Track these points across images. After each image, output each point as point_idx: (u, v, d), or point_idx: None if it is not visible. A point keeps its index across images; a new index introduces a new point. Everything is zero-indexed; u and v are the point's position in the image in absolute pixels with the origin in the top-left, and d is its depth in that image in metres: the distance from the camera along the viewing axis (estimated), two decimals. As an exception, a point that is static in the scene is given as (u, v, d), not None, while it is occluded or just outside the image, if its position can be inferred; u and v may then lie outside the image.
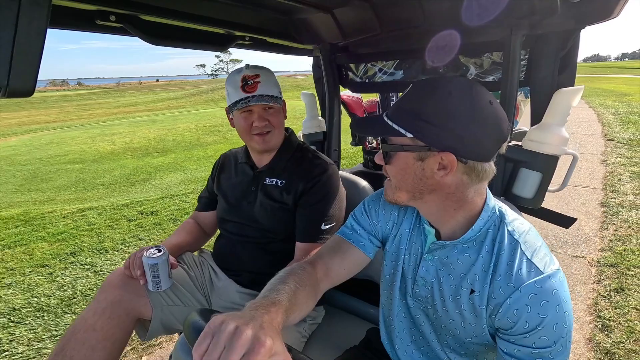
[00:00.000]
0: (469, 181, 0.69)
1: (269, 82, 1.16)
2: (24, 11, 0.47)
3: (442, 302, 0.76)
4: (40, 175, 6.34)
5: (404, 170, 0.72)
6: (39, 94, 49.03)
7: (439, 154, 0.67)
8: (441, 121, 0.65)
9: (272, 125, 1.17)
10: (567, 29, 1.10)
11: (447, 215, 0.74)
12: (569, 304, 0.65)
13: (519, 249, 0.68)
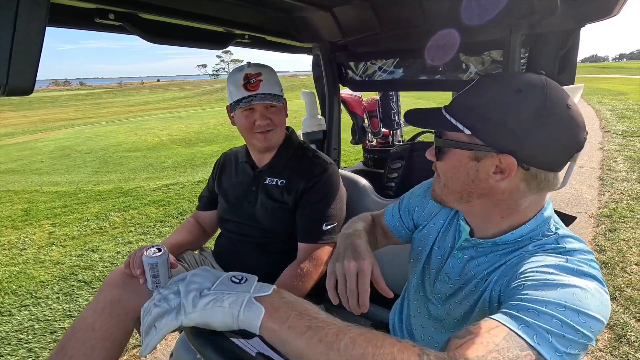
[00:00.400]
0: (526, 189, 0.62)
1: (271, 80, 1.16)
2: (23, 9, 0.46)
3: (459, 303, 0.72)
4: (110, 160, 7.05)
5: (456, 169, 0.66)
6: (49, 94, 50.01)
7: (497, 156, 0.60)
8: (503, 120, 0.59)
9: (274, 124, 1.17)
10: (566, 28, 1.10)
11: (491, 222, 0.68)
12: (585, 302, 0.51)
13: (557, 254, 0.59)
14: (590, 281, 0.54)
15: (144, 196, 4.47)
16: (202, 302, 0.53)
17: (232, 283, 0.58)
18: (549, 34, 1.14)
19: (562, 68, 1.17)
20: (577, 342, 0.49)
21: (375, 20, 1.29)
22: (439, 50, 1.43)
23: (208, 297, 0.54)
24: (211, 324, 0.53)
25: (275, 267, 1.16)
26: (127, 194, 4.63)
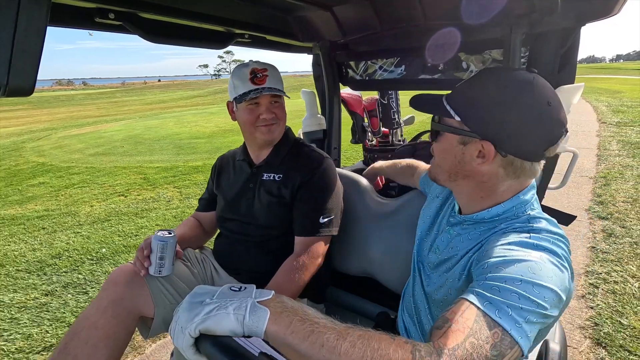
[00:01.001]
0: (504, 175, 0.70)
1: (276, 77, 1.19)
2: (24, 9, 0.46)
3: (444, 272, 0.79)
4: (183, 146, 7.86)
5: (447, 151, 0.74)
6: (58, 93, 50.71)
7: (480, 142, 0.68)
8: (489, 110, 0.67)
9: (277, 118, 1.20)
10: (567, 26, 1.10)
11: (474, 201, 0.76)
12: (539, 274, 0.56)
13: (526, 231, 0.66)
14: (547, 255, 0.60)
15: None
16: (205, 309, 0.56)
17: (232, 292, 0.60)
18: (549, 32, 1.14)
19: (562, 67, 1.17)
20: (534, 312, 0.54)
21: (375, 19, 1.29)
22: (439, 50, 1.43)
23: (211, 305, 0.57)
24: (215, 330, 0.55)
25: (275, 265, 1.16)
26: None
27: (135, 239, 3.32)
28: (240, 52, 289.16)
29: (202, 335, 0.56)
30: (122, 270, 1.10)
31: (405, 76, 1.57)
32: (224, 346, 0.56)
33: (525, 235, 0.64)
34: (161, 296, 1.10)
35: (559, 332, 1.26)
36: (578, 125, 8.10)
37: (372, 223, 1.31)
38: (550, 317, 0.57)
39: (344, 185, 1.33)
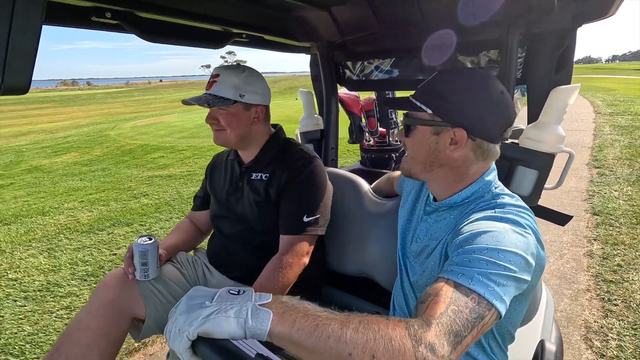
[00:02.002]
0: (474, 157, 0.78)
1: (225, 82, 1.16)
2: (19, 8, 0.46)
3: (425, 258, 0.86)
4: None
5: (421, 143, 0.81)
6: (73, 92, 50.81)
7: (452, 130, 0.76)
8: (458, 101, 0.76)
9: (221, 125, 1.19)
10: (563, 27, 1.11)
11: (449, 187, 0.83)
12: (502, 241, 0.64)
13: (491, 207, 0.74)
14: (510, 225, 0.68)
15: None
16: (205, 313, 0.56)
17: (231, 295, 0.60)
18: (546, 33, 1.14)
19: (559, 68, 1.18)
20: (503, 275, 0.61)
21: (373, 18, 1.29)
22: (437, 50, 1.43)
23: (210, 308, 0.57)
24: (214, 333, 0.55)
25: (264, 262, 1.17)
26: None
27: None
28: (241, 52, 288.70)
29: (199, 337, 0.56)
30: (114, 274, 1.11)
31: (402, 77, 1.57)
32: (221, 348, 0.55)
33: (491, 211, 0.73)
34: (152, 296, 1.11)
35: (555, 332, 1.27)
36: (578, 115, 9.96)
37: (368, 223, 1.31)
38: (522, 280, 0.63)
39: (340, 185, 1.32)
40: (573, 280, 2.53)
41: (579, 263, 2.75)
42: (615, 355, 1.84)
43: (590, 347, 1.90)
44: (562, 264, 2.74)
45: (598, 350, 1.88)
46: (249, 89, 1.19)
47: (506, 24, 1.11)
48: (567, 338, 1.96)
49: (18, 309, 2.35)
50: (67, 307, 2.35)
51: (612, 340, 1.94)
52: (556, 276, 2.57)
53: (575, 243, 3.05)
